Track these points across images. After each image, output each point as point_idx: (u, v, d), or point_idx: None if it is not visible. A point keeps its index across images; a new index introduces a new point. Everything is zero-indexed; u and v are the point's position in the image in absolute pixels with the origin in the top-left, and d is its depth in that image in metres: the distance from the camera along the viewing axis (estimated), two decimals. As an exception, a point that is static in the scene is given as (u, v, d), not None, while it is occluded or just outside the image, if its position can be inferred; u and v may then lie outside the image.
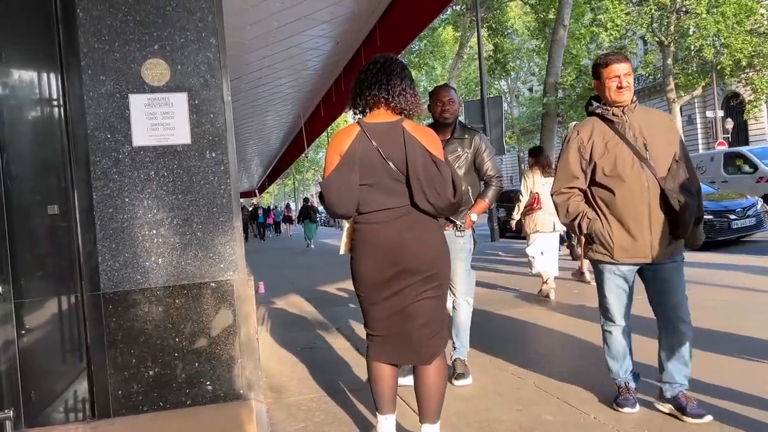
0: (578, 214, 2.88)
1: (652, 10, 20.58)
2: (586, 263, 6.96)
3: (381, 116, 2.49)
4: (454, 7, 20.80)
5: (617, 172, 2.77)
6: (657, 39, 21.29)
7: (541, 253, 6.31)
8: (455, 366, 3.51)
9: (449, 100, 3.45)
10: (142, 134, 3.29)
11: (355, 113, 2.61)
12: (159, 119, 3.31)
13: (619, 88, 2.79)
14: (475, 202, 3.54)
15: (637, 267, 2.86)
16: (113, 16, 3.26)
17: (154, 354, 3.26)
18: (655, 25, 20.93)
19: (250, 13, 8.66)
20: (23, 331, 3.13)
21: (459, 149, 3.48)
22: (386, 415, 2.53)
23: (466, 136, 3.51)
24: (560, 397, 3.15)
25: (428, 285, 2.42)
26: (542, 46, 18.60)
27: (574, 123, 3.08)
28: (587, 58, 13.42)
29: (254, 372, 3.38)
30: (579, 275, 7.12)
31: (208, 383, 3.33)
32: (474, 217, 3.48)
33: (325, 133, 20.54)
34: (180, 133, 3.34)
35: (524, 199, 6.44)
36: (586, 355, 3.93)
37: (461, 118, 4.39)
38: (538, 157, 6.62)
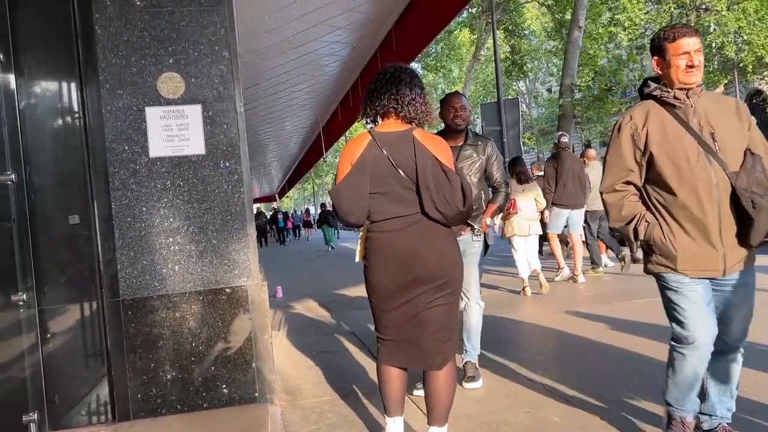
0: (634, 217, 2.42)
1: (672, 8, 20.41)
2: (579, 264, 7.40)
3: (391, 125, 2.54)
4: (469, 9, 20.84)
5: (679, 167, 2.32)
6: (677, 37, 21.04)
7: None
8: (466, 369, 3.56)
9: (461, 106, 3.51)
10: (158, 145, 3.39)
11: (366, 122, 2.67)
12: (174, 131, 3.42)
13: (690, 67, 2.32)
14: (486, 207, 3.62)
15: (707, 280, 2.38)
16: (130, 32, 3.37)
17: (171, 358, 3.37)
18: (674, 23, 20.74)
19: (266, 21, 8.79)
20: (47, 337, 3.25)
21: (474, 155, 3.53)
22: (394, 417, 2.59)
23: (479, 142, 3.58)
24: (568, 399, 3.19)
25: (441, 292, 2.46)
26: (560, 47, 18.54)
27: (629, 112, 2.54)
28: (605, 58, 13.34)
29: (268, 375, 3.47)
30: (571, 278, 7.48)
31: (224, 387, 3.42)
32: (488, 221, 3.55)
33: (343, 138, 20.65)
34: (195, 144, 3.44)
35: None
36: (594, 357, 3.95)
37: (478, 121, 4.44)
38: (514, 167, 7.13)
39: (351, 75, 13.15)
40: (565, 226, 7.65)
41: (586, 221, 7.84)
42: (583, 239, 7.84)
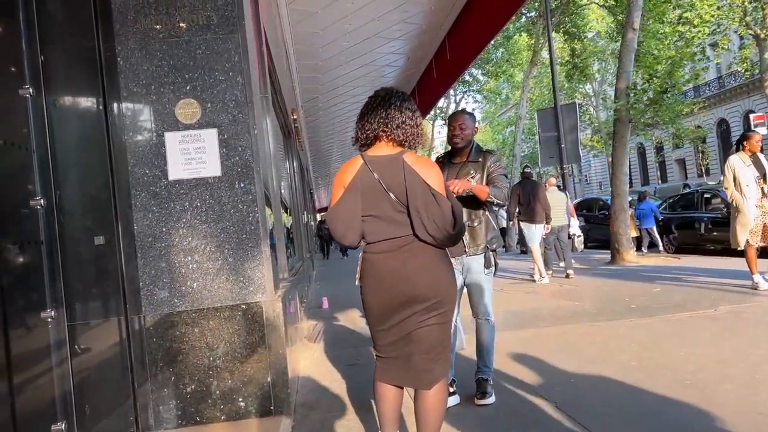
0: None
1: (745, 3, 19.40)
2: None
3: (383, 149, 2.57)
4: (527, 14, 20.52)
5: None
6: (752, 33, 20.03)
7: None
8: (478, 385, 3.54)
9: (459, 125, 3.51)
10: (177, 168, 3.56)
11: (359, 147, 2.72)
12: (192, 154, 3.58)
13: None
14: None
15: None
16: (149, 62, 3.57)
17: (190, 372, 3.51)
18: (748, 18, 19.70)
19: (320, 36, 9.01)
20: (74, 351, 3.46)
21: (473, 171, 3.52)
22: None
23: (480, 159, 3.56)
24: (577, 418, 3.11)
25: (433, 312, 2.47)
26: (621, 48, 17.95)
27: None
28: (675, 58, 12.81)
29: (282, 390, 3.56)
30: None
31: (240, 400, 3.54)
32: (472, 182, 3.41)
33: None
34: (211, 167, 3.59)
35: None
36: (610, 373, 3.82)
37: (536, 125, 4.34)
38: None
39: (408, 84, 13.21)
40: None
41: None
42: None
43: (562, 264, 10.28)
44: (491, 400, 3.48)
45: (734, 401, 3.16)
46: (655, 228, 13.99)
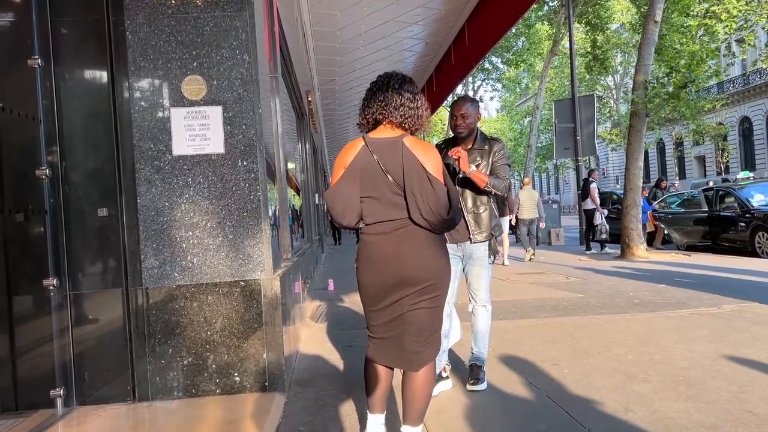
0: None
1: (775, -2, 18.98)
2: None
3: (385, 131, 2.58)
4: (549, 3, 20.27)
5: None
6: (780, 29, 19.65)
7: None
8: (471, 370, 3.57)
9: (461, 114, 3.48)
10: (181, 144, 3.60)
11: (361, 130, 2.74)
12: (196, 130, 3.61)
13: None
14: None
15: None
16: (158, 37, 3.59)
17: (188, 345, 3.57)
18: (778, 14, 19.29)
19: (338, 18, 8.98)
20: (77, 320, 3.53)
21: (479, 158, 3.51)
22: (375, 414, 2.65)
23: (486, 146, 3.55)
24: (565, 407, 3.13)
25: (425, 296, 2.50)
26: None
27: None
28: (697, 53, 12.59)
29: (277, 366, 3.61)
30: None
31: (236, 375, 3.60)
32: (473, 168, 3.41)
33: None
34: (215, 144, 3.62)
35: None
36: (604, 365, 3.83)
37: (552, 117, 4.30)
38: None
39: (426, 71, 13.13)
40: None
41: (517, 225, 12.73)
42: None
43: (529, 249, 12.23)
44: (483, 386, 3.51)
45: (724, 398, 3.16)
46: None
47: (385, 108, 2.56)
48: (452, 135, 3.63)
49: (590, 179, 14.06)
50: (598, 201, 13.60)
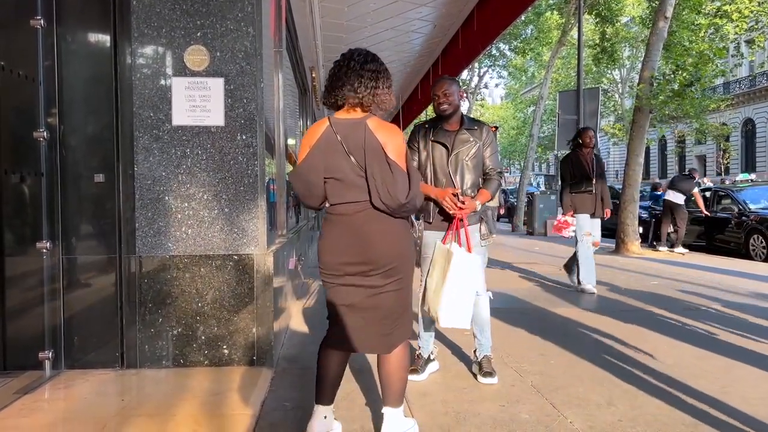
0: None
1: (788, 1, 18.84)
2: None
3: (350, 112, 2.52)
4: (560, -8, 20.07)
5: None
6: (790, 33, 19.51)
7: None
8: (482, 363, 3.53)
9: (443, 93, 3.42)
10: (181, 114, 3.58)
11: (327, 107, 2.66)
12: (197, 101, 3.59)
13: None
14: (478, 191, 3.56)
15: None
16: (163, 5, 3.56)
17: (178, 316, 3.59)
18: (789, 15, 19.16)
19: (347, -6, 8.89)
20: (68, 284, 3.54)
21: (471, 138, 3.46)
22: (322, 405, 2.61)
23: (476, 127, 3.51)
24: (549, 398, 3.16)
25: (389, 279, 2.48)
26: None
27: None
28: (705, 52, 12.50)
29: (266, 341, 3.63)
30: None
31: (224, 347, 3.62)
32: (478, 204, 3.44)
33: (424, 114, 20.45)
34: (215, 116, 3.61)
35: None
36: (590, 358, 3.87)
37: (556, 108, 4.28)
38: None
39: (432, 54, 13.02)
40: None
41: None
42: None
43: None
44: (495, 380, 3.45)
45: (705, 397, 3.19)
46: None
47: (344, 88, 2.47)
48: (435, 115, 3.56)
49: None
50: None
